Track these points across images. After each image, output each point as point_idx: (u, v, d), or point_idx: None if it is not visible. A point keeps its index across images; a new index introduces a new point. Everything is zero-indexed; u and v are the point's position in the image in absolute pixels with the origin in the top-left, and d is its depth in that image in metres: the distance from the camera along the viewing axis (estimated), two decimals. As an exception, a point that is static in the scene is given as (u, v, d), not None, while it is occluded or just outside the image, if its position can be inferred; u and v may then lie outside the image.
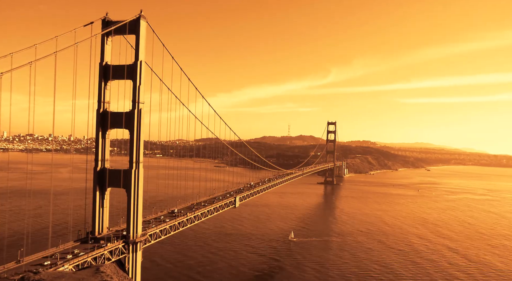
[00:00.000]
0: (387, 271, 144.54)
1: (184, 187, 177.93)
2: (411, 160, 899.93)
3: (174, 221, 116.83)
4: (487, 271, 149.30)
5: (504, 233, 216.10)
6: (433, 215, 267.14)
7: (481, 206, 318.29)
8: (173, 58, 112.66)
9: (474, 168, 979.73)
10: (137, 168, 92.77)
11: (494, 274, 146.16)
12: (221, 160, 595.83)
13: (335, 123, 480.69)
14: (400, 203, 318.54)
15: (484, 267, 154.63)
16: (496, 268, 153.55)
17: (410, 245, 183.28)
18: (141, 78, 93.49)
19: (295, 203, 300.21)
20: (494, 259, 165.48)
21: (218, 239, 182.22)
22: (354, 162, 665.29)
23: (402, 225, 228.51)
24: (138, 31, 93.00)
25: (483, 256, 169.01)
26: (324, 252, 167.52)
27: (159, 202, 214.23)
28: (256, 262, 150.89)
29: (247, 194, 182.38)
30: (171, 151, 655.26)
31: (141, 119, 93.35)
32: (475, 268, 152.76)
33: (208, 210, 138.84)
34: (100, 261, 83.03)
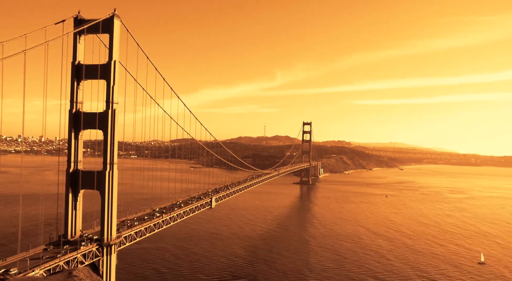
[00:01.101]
0: (365, 272, 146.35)
1: (160, 188, 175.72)
2: (385, 159, 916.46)
3: (150, 222, 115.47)
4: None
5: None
6: (409, 214, 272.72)
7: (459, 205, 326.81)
8: (148, 58, 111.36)
9: (445, 167, 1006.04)
10: (111, 169, 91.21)
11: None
12: (197, 160, 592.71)
13: (311, 124, 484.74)
14: (374, 203, 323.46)
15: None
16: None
17: (381, 246, 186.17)
18: (115, 78, 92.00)
19: (271, 204, 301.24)
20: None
21: (194, 240, 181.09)
22: (330, 161, 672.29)
23: (375, 225, 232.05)
24: (112, 30, 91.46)
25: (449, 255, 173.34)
26: (301, 254, 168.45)
27: (134, 203, 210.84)
28: (232, 264, 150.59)
29: (223, 195, 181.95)
30: (146, 152, 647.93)
31: (115, 120, 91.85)
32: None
33: (184, 211, 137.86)
34: (73, 264, 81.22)
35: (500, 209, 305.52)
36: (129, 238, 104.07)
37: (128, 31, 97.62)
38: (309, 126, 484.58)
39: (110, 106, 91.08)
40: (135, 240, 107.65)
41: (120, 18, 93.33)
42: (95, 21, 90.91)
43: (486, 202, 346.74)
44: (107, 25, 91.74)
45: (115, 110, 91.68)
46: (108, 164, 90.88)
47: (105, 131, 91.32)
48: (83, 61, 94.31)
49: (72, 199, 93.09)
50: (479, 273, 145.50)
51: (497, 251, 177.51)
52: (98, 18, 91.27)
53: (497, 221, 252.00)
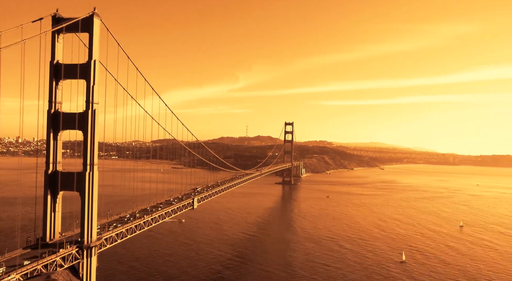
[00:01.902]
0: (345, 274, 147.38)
1: (142, 189, 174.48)
2: (366, 159, 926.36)
3: (131, 224, 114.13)
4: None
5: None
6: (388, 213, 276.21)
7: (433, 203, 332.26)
8: (129, 58, 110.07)
9: (425, 166, 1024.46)
10: (91, 170, 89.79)
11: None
12: (179, 161, 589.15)
13: (292, 124, 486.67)
14: (356, 203, 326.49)
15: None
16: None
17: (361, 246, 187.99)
18: (95, 78, 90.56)
19: (253, 204, 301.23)
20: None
21: (176, 242, 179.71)
22: (311, 161, 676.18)
23: (360, 225, 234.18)
24: (92, 30, 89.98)
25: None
26: (281, 255, 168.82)
27: (116, 205, 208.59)
28: (214, 265, 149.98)
29: (205, 195, 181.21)
30: (127, 152, 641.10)
31: (95, 120, 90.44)
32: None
33: (166, 212, 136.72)
34: (51, 268, 79.61)
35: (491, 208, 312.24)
36: (110, 240, 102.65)
37: (109, 30, 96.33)
38: (291, 127, 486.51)
39: (90, 107, 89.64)
40: (116, 241, 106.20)
41: (100, 17, 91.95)
42: (74, 20, 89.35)
43: (482, 200, 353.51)
44: (86, 24, 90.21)
45: (95, 111, 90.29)
46: (88, 165, 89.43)
47: (85, 132, 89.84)
48: (62, 61, 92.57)
49: (51, 200, 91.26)
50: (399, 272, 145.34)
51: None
52: (77, 17, 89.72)
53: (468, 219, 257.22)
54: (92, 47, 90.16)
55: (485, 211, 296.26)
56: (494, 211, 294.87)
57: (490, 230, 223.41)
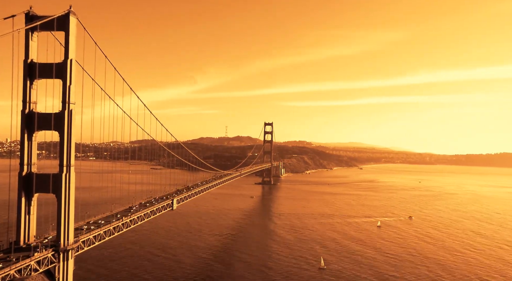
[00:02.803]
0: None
1: (120, 190, 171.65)
2: (345, 159, 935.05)
3: (109, 226, 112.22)
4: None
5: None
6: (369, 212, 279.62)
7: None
8: (106, 57, 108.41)
9: (402, 165, 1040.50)
10: (68, 171, 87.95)
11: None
12: (158, 161, 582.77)
13: (272, 124, 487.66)
14: (332, 202, 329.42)
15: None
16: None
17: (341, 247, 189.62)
18: (72, 77, 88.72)
19: (233, 205, 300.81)
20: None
21: (156, 243, 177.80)
22: (291, 161, 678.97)
23: (335, 225, 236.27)
24: (68, 28, 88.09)
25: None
26: (260, 255, 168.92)
27: (94, 206, 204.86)
28: (194, 267, 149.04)
29: (185, 196, 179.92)
30: (105, 153, 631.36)
31: (71, 120, 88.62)
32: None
33: (145, 213, 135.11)
34: (25, 273, 77.55)
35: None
36: (87, 242, 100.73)
37: (86, 29, 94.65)
38: (270, 127, 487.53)
39: (67, 107, 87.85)
40: (94, 244, 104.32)
41: (77, 15, 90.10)
42: (49, 18, 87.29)
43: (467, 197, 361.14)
44: (62, 23, 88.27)
45: (71, 111, 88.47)
46: (64, 166, 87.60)
47: (61, 133, 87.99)
48: (37, 60, 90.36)
49: (25, 203, 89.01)
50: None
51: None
52: (52, 15, 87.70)
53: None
54: (69, 46, 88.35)
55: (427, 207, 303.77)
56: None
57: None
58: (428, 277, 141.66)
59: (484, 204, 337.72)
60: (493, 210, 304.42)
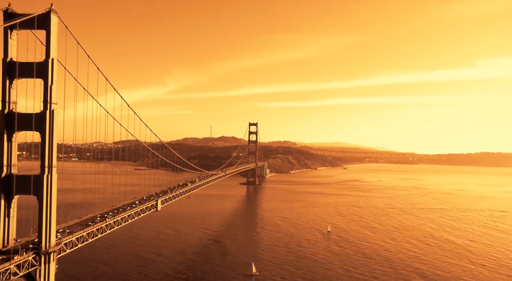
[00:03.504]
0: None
1: (103, 192, 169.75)
2: (329, 159, 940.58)
3: (92, 227, 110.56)
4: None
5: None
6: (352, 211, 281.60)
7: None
8: (89, 57, 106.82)
9: (386, 165, 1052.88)
10: (49, 173, 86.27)
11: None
12: (142, 162, 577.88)
13: (257, 124, 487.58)
14: (317, 202, 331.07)
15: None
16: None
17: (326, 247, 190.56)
18: (53, 77, 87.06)
19: (218, 205, 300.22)
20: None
21: (140, 245, 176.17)
22: (276, 161, 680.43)
23: (316, 225, 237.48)
24: (49, 27, 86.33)
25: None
26: (244, 256, 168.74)
27: (76, 208, 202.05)
28: (178, 269, 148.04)
29: (169, 197, 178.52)
30: (88, 154, 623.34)
31: (53, 121, 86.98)
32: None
33: (129, 214, 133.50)
34: (4, 277, 75.75)
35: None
36: (70, 244, 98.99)
37: (67, 28, 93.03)
38: (255, 127, 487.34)
39: (48, 107, 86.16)
40: (77, 246, 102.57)
41: (58, 14, 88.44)
42: (29, 16, 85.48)
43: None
44: (43, 21, 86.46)
45: (53, 111, 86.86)
46: (46, 167, 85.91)
47: (43, 133, 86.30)
48: (16, 58, 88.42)
49: (4, 205, 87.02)
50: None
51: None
52: (32, 13, 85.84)
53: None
54: (50, 45, 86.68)
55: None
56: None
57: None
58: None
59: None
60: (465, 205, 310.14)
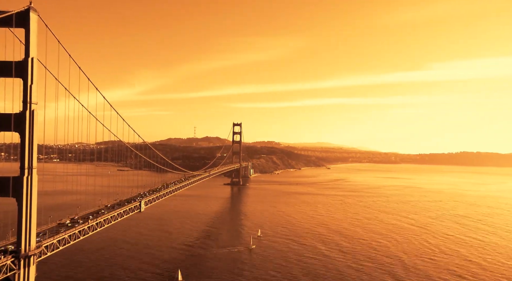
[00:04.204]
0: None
1: (86, 193, 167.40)
2: (313, 159, 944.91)
3: (74, 229, 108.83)
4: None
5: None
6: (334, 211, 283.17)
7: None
8: (70, 56, 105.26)
9: (369, 165, 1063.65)
10: (29, 174, 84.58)
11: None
12: (125, 163, 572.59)
13: (241, 125, 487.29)
14: (301, 201, 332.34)
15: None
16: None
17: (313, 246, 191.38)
18: (33, 76, 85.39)
19: (202, 206, 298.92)
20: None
21: (123, 247, 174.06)
22: (260, 162, 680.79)
23: (300, 224, 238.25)
24: (28, 25, 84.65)
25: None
26: (231, 261, 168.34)
27: (58, 210, 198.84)
28: (161, 271, 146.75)
29: (153, 198, 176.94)
30: (70, 155, 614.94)
31: (33, 121, 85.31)
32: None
33: (112, 215, 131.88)
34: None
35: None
36: (51, 247, 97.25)
37: (48, 27, 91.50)
38: (239, 127, 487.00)
39: (28, 107, 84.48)
40: (58, 248, 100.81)
41: (38, 12, 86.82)
42: (6, 14, 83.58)
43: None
44: (22, 19, 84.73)
45: (33, 111, 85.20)
46: (26, 169, 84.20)
47: (23, 134, 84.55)
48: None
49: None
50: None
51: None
52: (10, 11, 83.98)
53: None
54: (29, 44, 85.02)
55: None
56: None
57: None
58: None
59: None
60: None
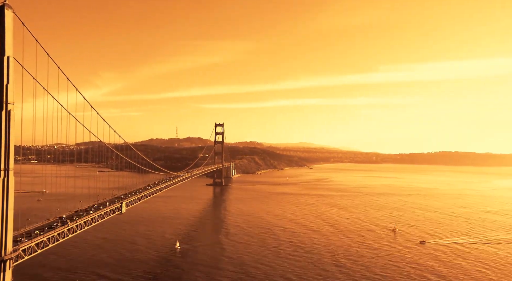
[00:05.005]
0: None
1: (65, 195, 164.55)
2: (295, 159, 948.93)
3: (53, 232, 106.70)
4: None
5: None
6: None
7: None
8: (49, 55, 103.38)
9: (350, 165, 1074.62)
10: (6, 176, 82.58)
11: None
12: (106, 164, 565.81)
13: (223, 125, 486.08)
14: (284, 201, 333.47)
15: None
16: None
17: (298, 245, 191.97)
18: (10, 76, 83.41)
19: (184, 206, 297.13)
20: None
21: (104, 249, 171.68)
22: (242, 162, 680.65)
23: (284, 224, 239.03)
24: (3, 23, 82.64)
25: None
26: (212, 261, 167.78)
27: (36, 212, 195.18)
28: (144, 274, 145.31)
29: (134, 199, 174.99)
30: (49, 156, 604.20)
31: (10, 121, 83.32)
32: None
33: (92, 217, 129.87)
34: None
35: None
36: (28, 250, 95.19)
37: (24, 25, 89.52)
38: (221, 128, 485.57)
39: (4, 107, 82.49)
40: (36, 252, 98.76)
41: (13, 9, 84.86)
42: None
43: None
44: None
45: (10, 111, 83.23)
46: (2, 171, 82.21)
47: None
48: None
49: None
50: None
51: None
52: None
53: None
54: (5, 42, 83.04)
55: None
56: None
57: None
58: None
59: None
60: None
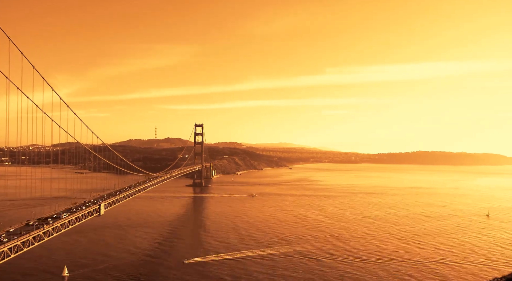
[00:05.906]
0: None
1: (41, 198, 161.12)
2: (275, 159, 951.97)
3: (28, 235, 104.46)
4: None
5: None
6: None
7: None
8: (23, 54, 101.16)
9: (330, 165, 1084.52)
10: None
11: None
12: (83, 165, 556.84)
13: (202, 125, 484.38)
14: (263, 201, 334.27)
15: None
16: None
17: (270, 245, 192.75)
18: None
19: (163, 208, 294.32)
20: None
21: (81, 253, 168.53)
22: (222, 163, 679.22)
23: (261, 224, 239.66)
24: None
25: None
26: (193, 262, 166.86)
27: (11, 214, 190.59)
28: (120, 275, 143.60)
29: (113, 200, 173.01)
30: (23, 158, 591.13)
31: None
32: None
33: (70, 220, 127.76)
34: None
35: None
36: (1, 255, 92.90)
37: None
38: (201, 128, 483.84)
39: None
40: (10, 256, 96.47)
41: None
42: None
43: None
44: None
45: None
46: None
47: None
48: None
49: None
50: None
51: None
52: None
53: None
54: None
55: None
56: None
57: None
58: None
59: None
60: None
